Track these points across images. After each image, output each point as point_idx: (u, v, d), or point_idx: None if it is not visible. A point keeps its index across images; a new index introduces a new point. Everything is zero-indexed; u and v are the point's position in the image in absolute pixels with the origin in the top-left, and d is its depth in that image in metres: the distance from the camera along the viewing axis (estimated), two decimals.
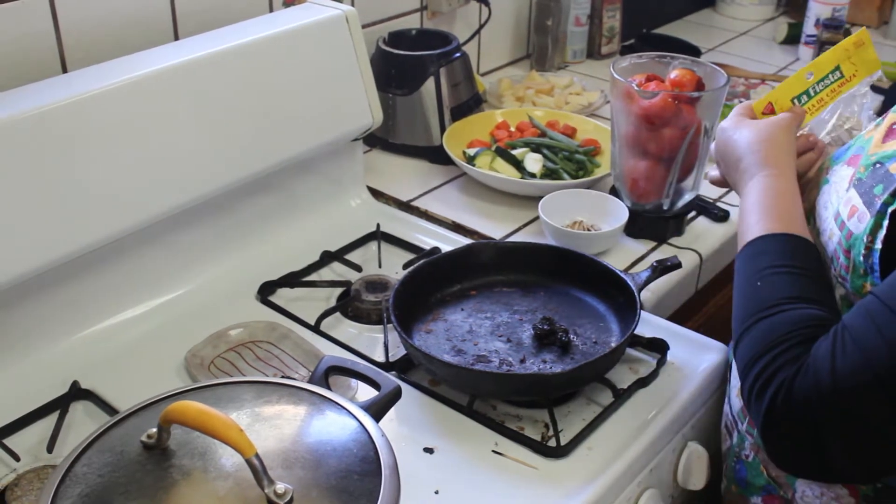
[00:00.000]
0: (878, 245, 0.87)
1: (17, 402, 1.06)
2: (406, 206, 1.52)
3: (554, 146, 1.59)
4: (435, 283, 1.23)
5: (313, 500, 0.73)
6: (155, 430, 0.77)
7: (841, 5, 2.13)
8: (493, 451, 1.03)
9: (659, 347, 1.16)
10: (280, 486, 0.71)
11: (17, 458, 0.99)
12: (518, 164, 1.55)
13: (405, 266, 1.33)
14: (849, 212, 0.92)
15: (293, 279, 1.31)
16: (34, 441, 1.03)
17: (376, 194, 1.54)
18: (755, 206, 1.00)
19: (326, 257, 1.36)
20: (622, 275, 1.18)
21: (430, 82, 1.63)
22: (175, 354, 1.14)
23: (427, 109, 1.64)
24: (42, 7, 1.21)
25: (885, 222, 0.87)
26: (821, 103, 1.16)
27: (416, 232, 1.44)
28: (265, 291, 1.28)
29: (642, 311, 1.15)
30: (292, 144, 1.32)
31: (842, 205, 0.95)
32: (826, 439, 0.82)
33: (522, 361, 1.11)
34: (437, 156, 1.62)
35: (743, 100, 1.14)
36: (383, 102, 1.53)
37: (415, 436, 1.05)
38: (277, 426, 0.80)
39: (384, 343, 1.18)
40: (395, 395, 0.90)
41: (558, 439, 1.02)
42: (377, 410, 0.86)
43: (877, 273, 0.88)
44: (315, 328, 1.21)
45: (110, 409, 1.06)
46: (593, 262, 1.23)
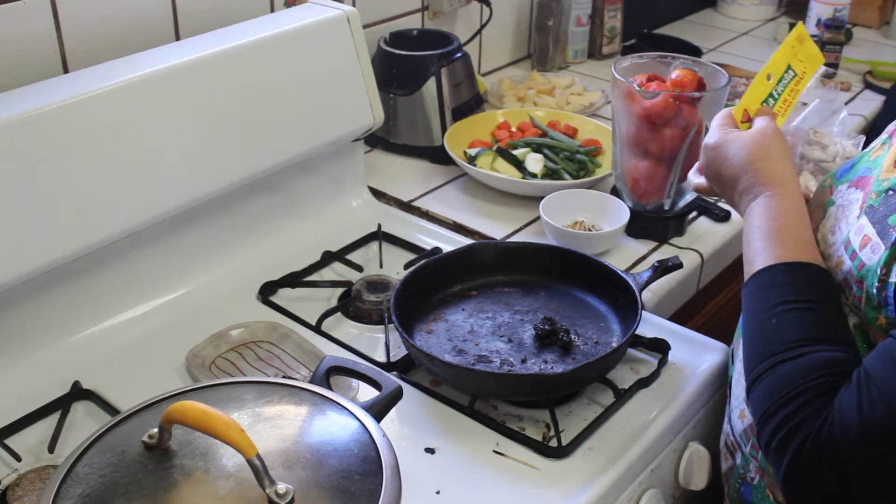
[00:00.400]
0: (893, 279, 0.84)
1: (18, 402, 1.06)
2: (407, 207, 1.52)
3: (555, 146, 1.59)
4: (436, 284, 1.23)
5: (314, 500, 0.73)
6: (156, 430, 0.77)
7: (842, 6, 2.13)
8: (494, 451, 1.03)
9: (660, 348, 1.16)
10: (281, 487, 0.71)
11: (18, 459, 0.99)
12: (519, 165, 1.55)
13: (406, 266, 1.33)
14: (861, 241, 0.89)
15: (294, 279, 1.31)
16: (35, 441, 1.03)
17: (377, 194, 1.54)
18: (759, 231, 0.95)
19: (328, 257, 1.36)
20: (623, 275, 1.18)
21: (432, 82, 1.63)
22: (176, 354, 1.14)
23: (428, 110, 1.64)
24: (43, 7, 1.21)
25: None
26: (787, 104, 1.11)
27: (417, 232, 1.44)
28: (266, 291, 1.28)
29: (643, 312, 1.15)
30: (293, 144, 1.32)
31: (853, 233, 0.91)
32: (854, 489, 0.80)
33: (524, 361, 1.11)
34: (438, 156, 1.62)
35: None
36: (384, 103, 1.53)
37: (416, 436, 1.05)
38: (278, 426, 0.80)
39: (385, 343, 1.18)
40: (396, 396, 0.90)
41: (559, 439, 1.02)
42: (378, 411, 0.86)
43: (891, 306, 0.85)
44: (316, 328, 1.21)
45: (111, 410, 1.06)
46: (594, 263, 1.23)
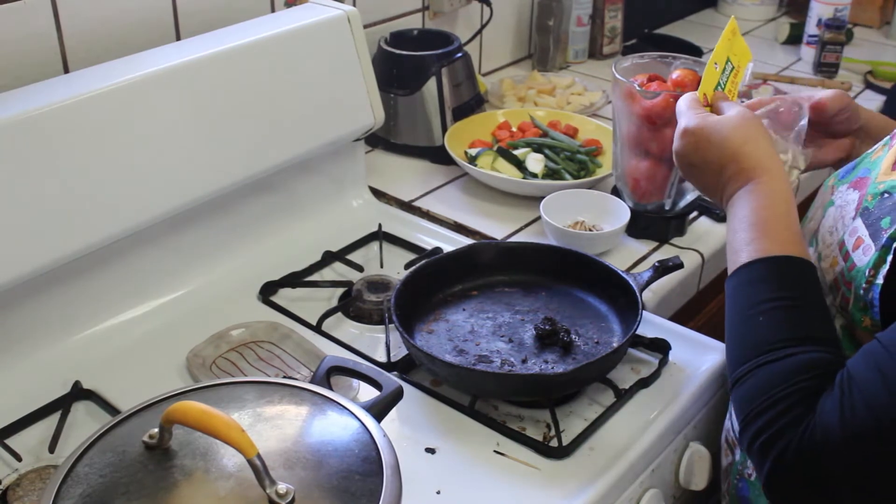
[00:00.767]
0: (880, 280, 0.84)
1: (18, 402, 1.06)
2: (408, 207, 1.52)
3: (555, 146, 1.59)
4: (436, 284, 1.23)
5: (315, 500, 0.73)
6: (156, 430, 0.76)
7: (843, 5, 2.13)
8: (494, 451, 1.03)
9: (661, 348, 1.16)
10: (282, 487, 0.71)
11: (18, 458, 0.99)
12: (520, 165, 1.55)
13: (407, 266, 1.33)
14: (854, 243, 0.88)
15: (295, 279, 1.31)
16: (36, 441, 1.03)
17: (378, 194, 1.54)
18: (746, 221, 0.93)
19: (328, 257, 1.36)
20: (624, 275, 1.18)
21: (432, 82, 1.63)
22: (177, 354, 1.14)
23: (429, 109, 1.64)
24: (44, 7, 1.21)
25: (890, 257, 0.83)
26: (731, 94, 1.10)
27: (417, 232, 1.44)
28: (267, 291, 1.28)
29: (644, 312, 1.15)
30: (294, 144, 1.32)
31: (847, 234, 0.91)
32: (837, 491, 0.80)
33: (524, 361, 1.11)
34: (438, 156, 1.62)
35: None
36: (385, 102, 1.53)
37: (416, 436, 1.05)
38: (279, 426, 0.80)
39: (386, 343, 1.18)
40: (396, 396, 0.89)
41: (560, 439, 1.02)
42: (379, 411, 0.86)
43: (876, 308, 0.84)
44: (317, 328, 1.21)
45: (112, 409, 1.06)
46: (595, 263, 1.23)
